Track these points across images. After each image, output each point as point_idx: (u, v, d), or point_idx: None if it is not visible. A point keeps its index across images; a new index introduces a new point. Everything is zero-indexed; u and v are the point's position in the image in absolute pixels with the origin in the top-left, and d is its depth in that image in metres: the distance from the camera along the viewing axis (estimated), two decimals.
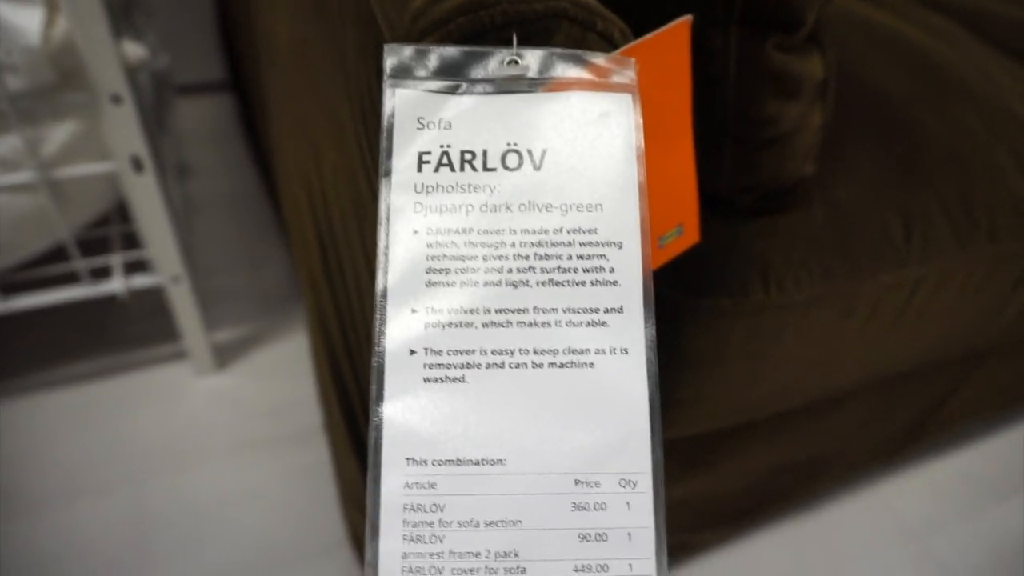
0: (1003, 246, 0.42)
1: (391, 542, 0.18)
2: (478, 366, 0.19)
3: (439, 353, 0.19)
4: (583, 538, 0.18)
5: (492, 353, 0.19)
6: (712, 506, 0.56)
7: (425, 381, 0.19)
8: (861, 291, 0.38)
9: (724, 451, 0.50)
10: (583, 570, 0.18)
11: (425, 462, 0.18)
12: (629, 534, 0.18)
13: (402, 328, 0.19)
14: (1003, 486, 0.74)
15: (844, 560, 0.67)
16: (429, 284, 0.19)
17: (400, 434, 0.18)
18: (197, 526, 0.61)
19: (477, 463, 0.18)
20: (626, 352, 0.19)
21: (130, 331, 0.75)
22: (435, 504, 0.18)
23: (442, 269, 0.19)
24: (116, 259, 0.62)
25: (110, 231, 0.64)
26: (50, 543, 0.59)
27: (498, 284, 0.19)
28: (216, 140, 1.01)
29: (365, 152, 0.23)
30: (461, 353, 0.19)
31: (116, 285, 0.61)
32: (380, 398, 0.18)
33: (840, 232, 0.37)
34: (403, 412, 0.18)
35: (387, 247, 0.19)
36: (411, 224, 0.19)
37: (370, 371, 0.19)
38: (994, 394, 0.68)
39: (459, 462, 0.18)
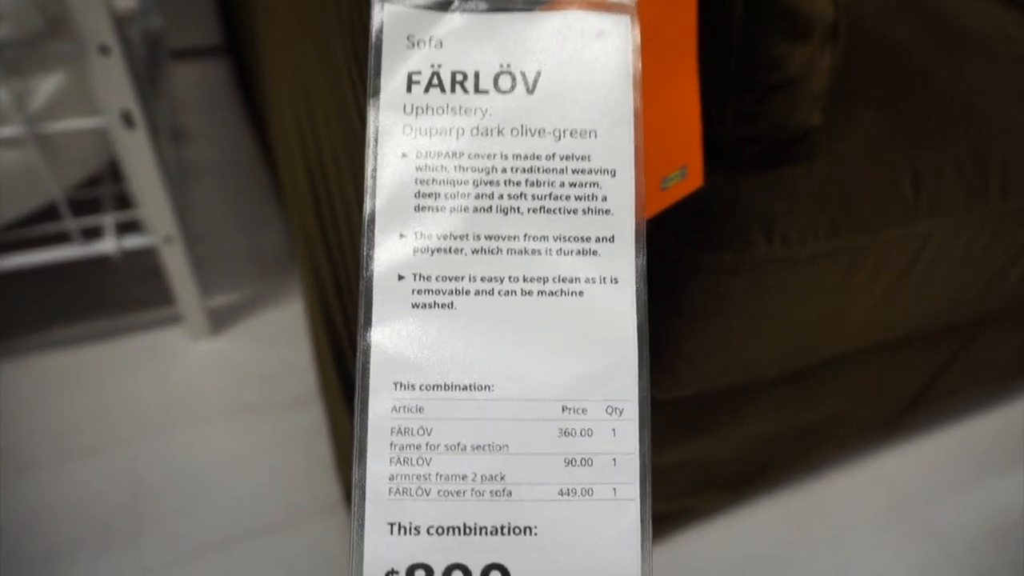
0: (1013, 204, 0.42)
1: (378, 464, 0.18)
2: (467, 293, 0.19)
3: (428, 279, 0.19)
4: (569, 463, 0.19)
5: (482, 280, 0.19)
6: (711, 472, 0.57)
7: (413, 307, 0.19)
8: (867, 247, 0.38)
9: (723, 415, 0.51)
10: (568, 493, 0.19)
11: (413, 387, 0.19)
12: (614, 459, 0.19)
13: (390, 253, 0.19)
14: (1001, 460, 0.75)
15: (841, 530, 0.68)
16: (418, 208, 0.19)
17: (388, 359, 0.19)
18: (191, 489, 0.62)
19: (465, 388, 0.19)
20: (616, 282, 0.19)
21: (125, 295, 0.75)
22: (422, 428, 0.19)
23: (431, 193, 0.19)
24: (108, 219, 0.63)
25: (102, 191, 0.65)
26: (42, 504, 0.61)
27: (489, 210, 0.19)
28: (212, 105, 1.01)
29: (357, 85, 0.23)
30: (450, 279, 0.19)
31: (108, 245, 0.62)
32: (368, 323, 0.19)
33: (847, 186, 0.37)
34: (391, 337, 0.19)
35: (375, 170, 0.19)
36: (400, 147, 0.19)
37: (358, 296, 0.19)
38: (995, 365, 0.68)
39: (447, 387, 0.19)
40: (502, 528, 0.19)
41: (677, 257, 0.34)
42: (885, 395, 0.63)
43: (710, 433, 0.52)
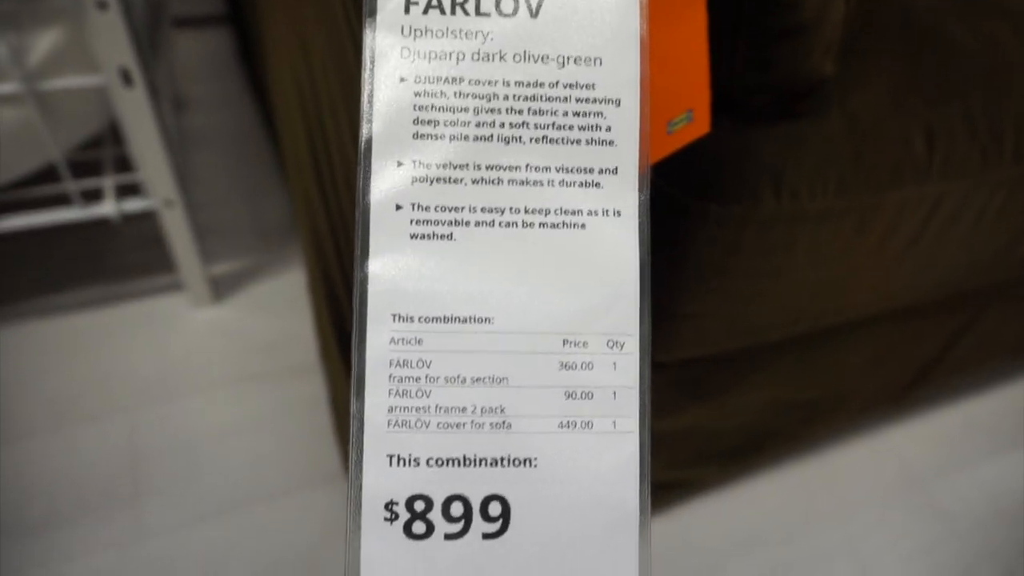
0: None
1: (377, 396, 0.18)
2: (467, 224, 0.19)
3: (426, 209, 0.19)
4: (569, 396, 0.19)
5: (482, 211, 0.19)
6: (715, 441, 0.57)
7: (412, 237, 0.19)
8: (878, 207, 0.37)
9: (727, 382, 0.51)
10: (568, 426, 0.19)
11: (411, 318, 0.19)
12: (614, 393, 0.19)
13: (387, 182, 0.19)
14: (1009, 437, 0.75)
15: (845, 505, 0.68)
16: (416, 136, 0.19)
17: (386, 290, 0.19)
18: (190, 456, 0.63)
19: (464, 321, 0.19)
20: (619, 215, 0.19)
21: (126, 261, 0.76)
22: (421, 360, 0.19)
23: (430, 121, 0.19)
24: (108, 182, 0.63)
25: (102, 154, 0.65)
26: (41, 469, 0.61)
27: (489, 139, 0.19)
28: (215, 76, 1.01)
29: (353, 22, 0.23)
30: (449, 210, 0.19)
31: (108, 208, 0.62)
32: (365, 254, 0.19)
33: (858, 143, 0.37)
34: (389, 268, 0.19)
35: (372, 94, 0.19)
36: (398, 71, 0.19)
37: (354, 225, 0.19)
38: (1004, 340, 0.68)
39: (446, 319, 0.19)
40: (501, 460, 0.19)
41: (683, 209, 0.33)
42: (892, 368, 0.62)
43: (714, 401, 0.52)
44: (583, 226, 0.19)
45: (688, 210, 0.34)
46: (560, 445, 0.19)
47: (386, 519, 0.18)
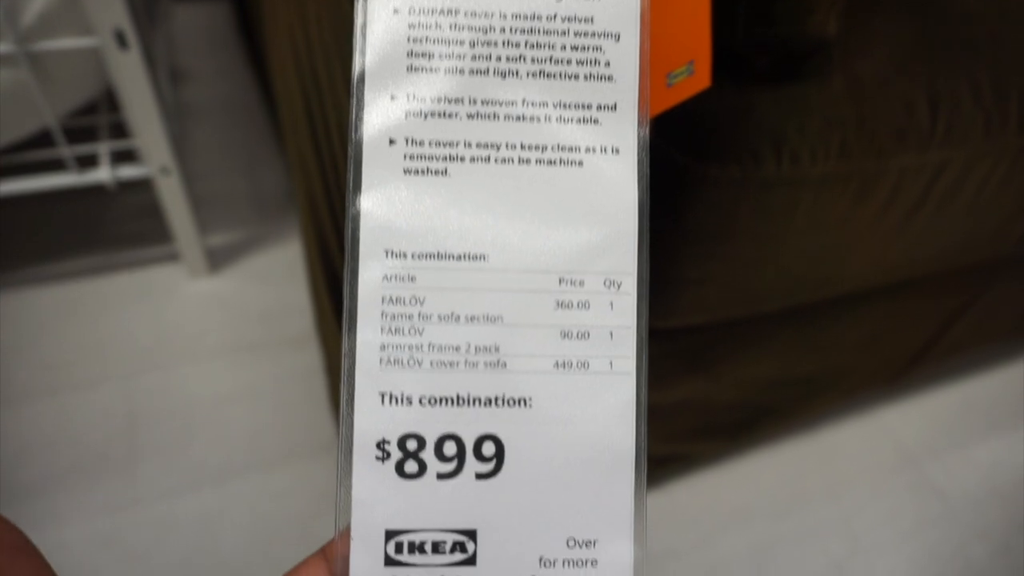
0: None
1: (369, 333, 0.18)
2: (462, 159, 0.18)
3: (420, 144, 0.18)
4: (565, 335, 0.18)
5: (477, 146, 0.19)
6: (710, 417, 0.57)
7: (405, 173, 0.18)
8: (880, 171, 0.37)
9: (725, 354, 0.50)
10: (564, 366, 0.18)
11: (405, 255, 0.18)
12: (611, 333, 0.19)
13: (380, 115, 0.18)
14: (1007, 417, 0.75)
15: (839, 482, 0.68)
16: (410, 69, 0.18)
17: (378, 226, 0.18)
18: (186, 423, 0.63)
19: (458, 258, 0.18)
20: (617, 152, 0.19)
21: (122, 231, 0.75)
22: (414, 297, 0.18)
23: (425, 53, 0.18)
24: (103, 148, 0.62)
25: (98, 120, 0.64)
26: (37, 434, 0.61)
27: (485, 73, 0.18)
28: (214, 48, 1.00)
29: None
30: (444, 145, 0.18)
31: (103, 174, 0.61)
32: (357, 188, 0.18)
33: (861, 107, 0.36)
34: (381, 204, 0.18)
35: (364, 25, 0.18)
36: (391, 1, 0.18)
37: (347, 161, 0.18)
38: (1004, 320, 0.68)
39: (440, 256, 0.18)
40: (496, 399, 0.18)
41: (682, 170, 0.33)
42: (889, 347, 0.62)
43: (710, 374, 0.52)
44: (580, 163, 0.19)
45: (687, 172, 0.33)
46: (555, 385, 0.18)
47: (378, 458, 0.18)
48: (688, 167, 0.33)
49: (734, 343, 0.49)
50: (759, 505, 0.66)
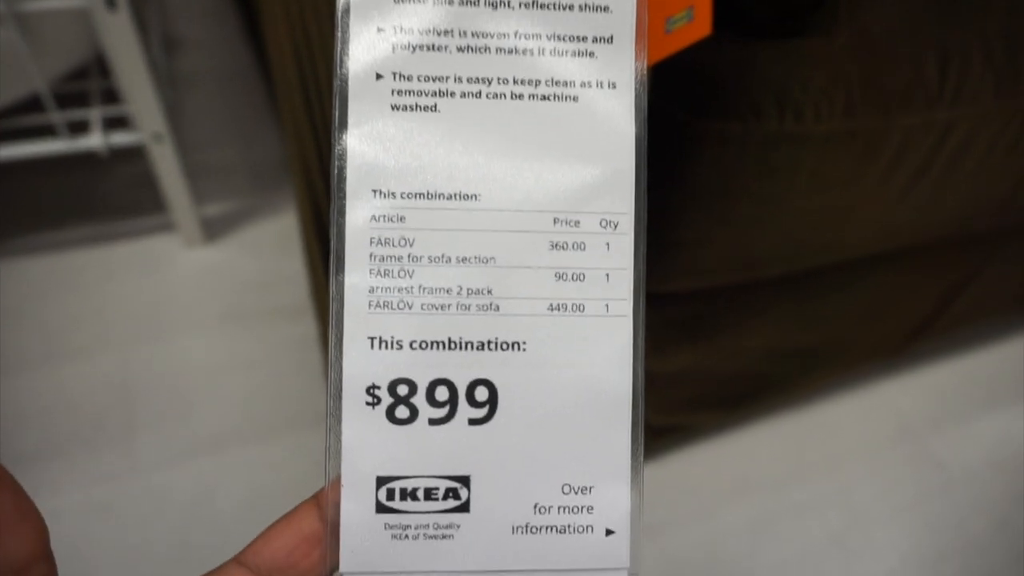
0: None
1: (357, 276, 0.18)
2: (452, 94, 0.18)
3: (409, 79, 0.18)
4: (559, 277, 0.18)
5: (468, 81, 0.18)
6: (708, 387, 0.57)
7: (393, 109, 0.18)
8: (885, 132, 0.36)
9: (725, 322, 0.50)
10: (558, 309, 0.18)
11: (393, 194, 0.18)
12: (607, 275, 0.18)
13: (367, 49, 0.18)
14: (1008, 392, 0.74)
15: (839, 455, 0.68)
16: (397, 0, 0.18)
17: (365, 164, 0.18)
18: (182, 392, 0.63)
19: (449, 197, 0.18)
20: (614, 86, 0.18)
21: (117, 201, 0.75)
22: (404, 238, 0.18)
23: None
24: (95, 113, 0.61)
25: (89, 85, 0.63)
26: (33, 403, 0.61)
27: (476, 3, 0.18)
28: (208, 17, 0.98)
29: None
30: (433, 79, 0.18)
31: (95, 141, 0.61)
32: (343, 125, 0.18)
33: (868, 64, 0.36)
34: (369, 141, 0.18)
35: None
36: None
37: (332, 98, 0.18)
38: (1006, 293, 0.67)
39: (429, 196, 0.18)
40: (489, 343, 0.18)
41: (681, 127, 0.32)
42: (893, 318, 0.62)
43: (710, 343, 0.52)
44: (575, 98, 0.18)
45: (687, 129, 0.33)
46: (550, 328, 0.18)
47: (368, 403, 0.18)
48: (688, 123, 0.32)
49: (734, 311, 0.49)
50: (758, 477, 0.66)
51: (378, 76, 0.18)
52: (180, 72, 0.89)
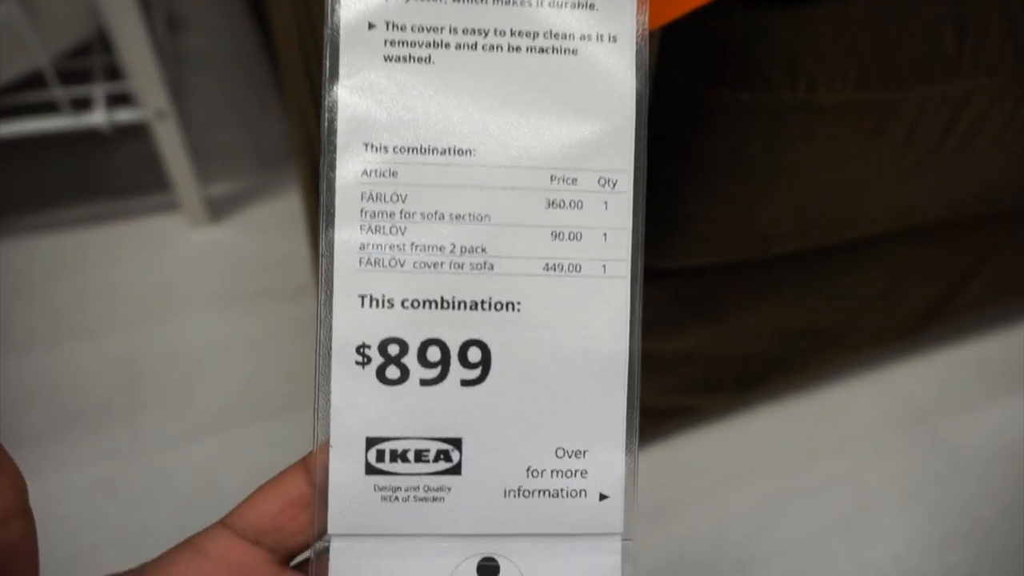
0: None
1: (348, 232, 0.17)
2: (447, 46, 0.17)
3: (402, 29, 0.17)
4: (556, 236, 0.18)
5: (463, 32, 0.17)
6: (716, 368, 0.56)
7: (386, 60, 0.17)
8: (899, 104, 0.35)
9: (733, 301, 0.49)
10: (554, 269, 0.18)
11: (385, 148, 0.17)
12: (605, 235, 0.18)
13: None
14: (1017, 378, 0.73)
15: (847, 439, 0.67)
16: None
17: (357, 116, 0.17)
18: (187, 372, 0.63)
19: (443, 152, 0.17)
20: (614, 40, 0.18)
21: (123, 180, 0.75)
22: (396, 194, 0.17)
23: None
24: (98, 90, 0.61)
25: (92, 62, 0.63)
26: (39, 381, 0.62)
27: None
28: None
29: None
30: (428, 30, 0.17)
31: (98, 117, 0.60)
32: (334, 76, 0.17)
33: (883, 33, 0.35)
34: (360, 93, 0.17)
35: None
36: None
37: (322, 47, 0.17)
38: (1019, 277, 0.66)
39: (423, 150, 0.17)
40: (482, 303, 0.17)
41: (689, 97, 0.31)
42: (904, 300, 0.61)
43: (717, 323, 0.51)
44: (575, 51, 0.17)
45: (695, 99, 0.32)
46: (545, 289, 0.17)
47: (358, 363, 0.17)
48: (696, 93, 0.32)
49: (742, 290, 0.48)
50: (765, 460, 0.65)
51: (370, 25, 0.17)
52: (185, 53, 0.88)
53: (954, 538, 0.63)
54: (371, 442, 0.17)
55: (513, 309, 0.17)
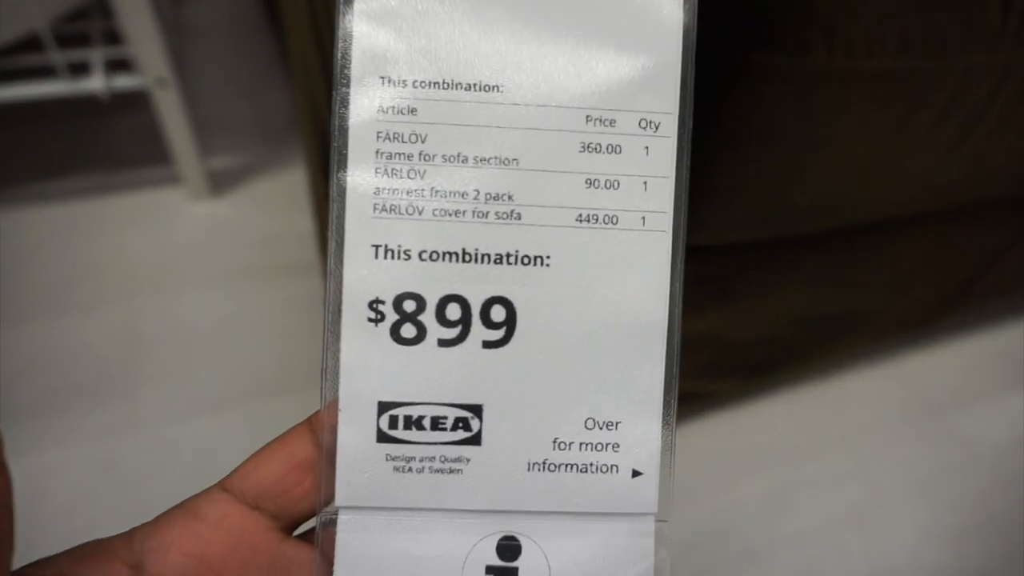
0: None
1: (361, 174, 0.16)
2: None
3: None
4: (591, 184, 0.16)
5: None
6: (731, 352, 0.55)
7: None
8: (941, 71, 0.33)
9: (751, 284, 0.48)
10: (588, 220, 0.16)
11: (404, 83, 0.16)
12: (645, 183, 0.16)
13: None
14: None
15: (860, 428, 0.66)
16: None
17: (373, 46, 0.15)
18: (187, 347, 0.62)
19: (468, 88, 0.16)
20: None
21: (123, 151, 0.73)
22: (415, 133, 0.16)
23: None
24: (96, 55, 0.59)
25: (90, 26, 0.61)
26: (36, 353, 0.60)
27: None
28: None
29: None
30: None
31: (96, 83, 0.59)
32: (349, 2, 0.15)
33: None
34: (377, 20, 0.15)
35: None
36: None
37: None
38: None
39: (445, 85, 0.16)
40: (508, 256, 0.16)
41: (719, 59, 0.30)
42: (925, 286, 0.59)
43: (737, 305, 0.50)
44: None
45: (725, 60, 0.30)
46: (578, 242, 0.16)
47: (370, 320, 0.16)
48: (726, 54, 0.30)
49: (763, 272, 0.47)
50: (777, 448, 0.64)
51: None
52: (188, 23, 0.86)
53: (969, 530, 0.61)
54: (383, 407, 0.16)
55: (542, 264, 0.16)
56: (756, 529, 0.60)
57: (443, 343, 0.16)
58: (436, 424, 0.16)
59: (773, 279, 0.48)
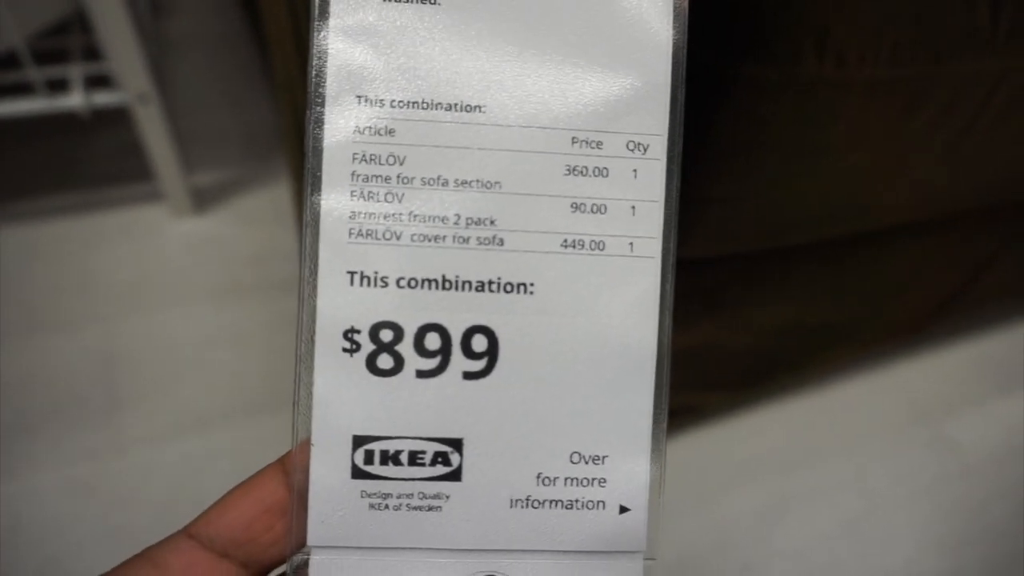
0: None
1: (336, 198, 0.15)
2: None
3: None
4: (576, 208, 0.15)
5: None
6: (721, 364, 0.55)
7: None
8: (932, 80, 0.33)
9: (742, 295, 0.47)
10: (574, 246, 0.15)
11: (382, 102, 0.15)
12: (633, 208, 0.15)
13: None
14: None
15: (853, 438, 0.66)
16: None
17: (349, 64, 0.15)
18: (169, 367, 0.61)
19: (448, 108, 0.15)
20: None
21: (104, 169, 0.72)
22: (393, 155, 0.15)
23: None
24: (75, 71, 0.58)
25: (69, 42, 0.60)
26: (15, 375, 0.59)
27: None
28: None
29: None
30: None
31: (75, 100, 0.58)
32: (324, 15, 0.15)
33: (917, 5, 0.32)
34: (354, 36, 0.15)
35: None
36: None
37: None
38: None
39: (425, 105, 0.15)
40: (490, 284, 0.15)
41: (709, 69, 0.29)
42: (917, 294, 0.59)
43: (728, 316, 0.49)
44: None
45: (715, 71, 0.30)
46: (563, 269, 0.15)
47: (345, 350, 0.15)
48: (716, 65, 0.29)
49: (753, 283, 0.46)
50: (769, 460, 0.63)
51: None
52: (169, 37, 0.86)
53: (967, 539, 0.61)
54: (359, 441, 0.15)
55: (525, 291, 0.15)
56: (751, 542, 0.59)
57: (421, 374, 0.15)
58: (414, 459, 0.15)
59: (765, 291, 0.48)
